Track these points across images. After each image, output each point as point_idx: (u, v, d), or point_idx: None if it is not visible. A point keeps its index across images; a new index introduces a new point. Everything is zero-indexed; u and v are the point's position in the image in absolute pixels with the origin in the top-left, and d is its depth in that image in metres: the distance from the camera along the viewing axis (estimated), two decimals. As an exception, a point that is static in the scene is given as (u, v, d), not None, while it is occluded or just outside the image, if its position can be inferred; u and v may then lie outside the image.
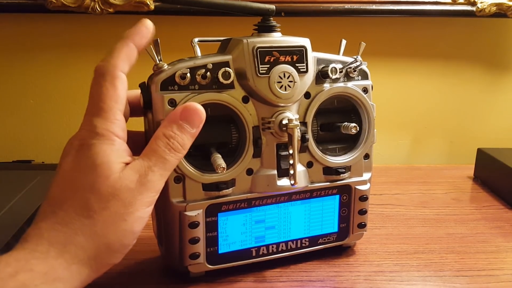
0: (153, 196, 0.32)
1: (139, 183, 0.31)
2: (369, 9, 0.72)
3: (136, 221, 0.30)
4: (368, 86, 0.42)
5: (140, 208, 0.30)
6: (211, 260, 0.39)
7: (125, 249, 0.31)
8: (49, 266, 0.27)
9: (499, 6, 0.72)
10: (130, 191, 0.30)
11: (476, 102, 0.83)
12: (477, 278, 0.41)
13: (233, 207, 0.39)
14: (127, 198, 0.30)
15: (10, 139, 0.76)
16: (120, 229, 0.30)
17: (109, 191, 0.29)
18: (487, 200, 0.60)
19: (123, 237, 0.30)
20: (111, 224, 0.29)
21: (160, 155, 0.32)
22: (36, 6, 0.67)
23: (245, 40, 0.36)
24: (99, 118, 0.31)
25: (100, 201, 0.29)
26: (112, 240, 0.29)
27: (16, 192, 0.51)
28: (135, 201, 0.30)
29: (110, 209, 0.29)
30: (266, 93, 0.37)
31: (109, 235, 0.29)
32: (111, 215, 0.29)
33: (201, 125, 0.34)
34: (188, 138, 0.33)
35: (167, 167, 0.32)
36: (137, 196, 0.30)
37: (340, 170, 0.41)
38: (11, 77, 0.74)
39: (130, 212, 0.30)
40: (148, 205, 0.31)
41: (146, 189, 0.31)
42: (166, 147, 0.32)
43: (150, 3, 0.67)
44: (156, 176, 0.31)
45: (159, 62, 0.35)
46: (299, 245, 0.42)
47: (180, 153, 0.33)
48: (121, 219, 0.30)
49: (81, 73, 0.73)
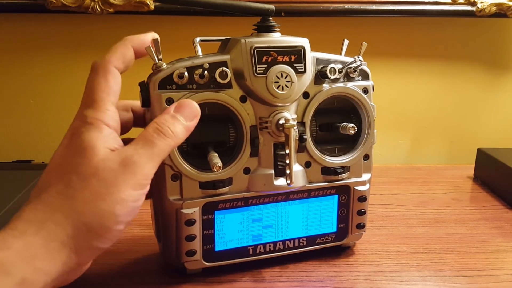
0: (140, 180, 0.31)
1: (122, 164, 0.30)
2: (369, 9, 0.72)
3: (118, 202, 0.30)
4: (369, 86, 0.42)
5: (123, 190, 0.30)
6: (207, 257, 0.39)
7: (107, 232, 0.30)
8: (26, 243, 0.27)
9: (499, 6, 0.72)
10: (112, 171, 0.30)
11: (476, 102, 0.83)
12: (477, 278, 0.41)
13: (230, 205, 0.39)
14: (108, 178, 0.30)
15: (10, 139, 0.76)
16: (99, 209, 0.29)
17: (91, 171, 0.30)
18: (487, 200, 0.60)
19: (103, 218, 0.29)
20: (90, 202, 0.29)
21: (147, 138, 0.32)
22: (36, 6, 0.67)
23: (243, 40, 0.37)
24: (90, 109, 0.32)
25: (81, 181, 0.29)
26: (90, 219, 0.29)
27: (16, 192, 0.51)
28: (117, 182, 0.30)
29: (90, 188, 0.29)
30: (263, 93, 0.37)
31: (87, 213, 0.29)
32: (91, 194, 0.29)
33: (195, 119, 0.34)
34: (180, 127, 0.33)
35: (154, 151, 0.31)
36: (119, 176, 0.30)
37: (339, 171, 0.41)
38: (11, 77, 0.74)
39: (111, 192, 0.29)
40: (134, 188, 0.30)
41: (130, 171, 0.30)
42: (155, 131, 0.32)
43: (150, 3, 0.67)
44: (142, 159, 0.31)
45: (158, 62, 0.36)
46: (297, 245, 0.42)
47: (170, 138, 0.32)
48: (101, 198, 0.29)
49: (81, 73, 0.73)
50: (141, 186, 0.31)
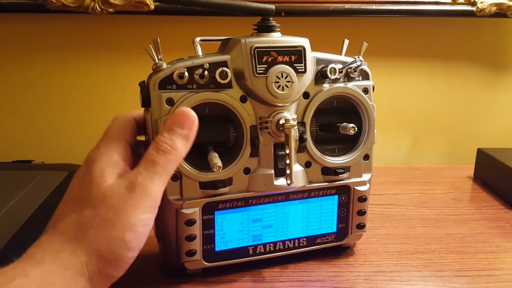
0: (148, 202, 0.31)
1: (128, 188, 0.31)
2: (369, 9, 0.71)
3: (127, 228, 0.30)
4: (369, 86, 0.42)
5: (131, 215, 0.30)
6: (207, 257, 0.39)
7: (118, 259, 0.30)
8: (43, 271, 0.27)
9: (499, 6, 0.72)
10: (119, 197, 0.30)
11: (476, 102, 0.83)
12: (477, 278, 0.41)
13: (230, 205, 0.39)
14: (116, 204, 0.30)
15: (10, 139, 0.76)
16: (109, 236, 0.29)
17: (100, 198, 0.30)
18: (487, 200, 0.60)
19: (113, 245, 0.29)
20: (100, 230, 0.29)
21: (149, 159, 0.32)
22: (36, 6, 0.67)
23: (243, 40, 0.37)
24: (103, 141, 0.34)
25: (92, 208, 0.30)
26: (102, 247, 0.29)
27: (16, 192, 0.51)
28: (126, 207, 0.30)
29: (100, 216, 0.30)
30: (264, 93, 0.37)
31: (99, 242, 0.29)
32: (101, 221, 0.30)
33: (193, 126, 0.34)
34: (179, 139, 0.33)
35: (157, 170, 0.32)
36: (127, 201, 0.30)
37: (339, 171, 0.41)
38: (11, 77, 0.74)
39: (120, 218, 0.30)
40: (143, 211, 0.30)
41: (136, 194, 0.30)
42: (155, 150, 0.32)
43: (150, 3, 0.67)
44: (147, 180, 0.31)
45: (158, 61, 0.36)
46: (297, 245, 0.42)
47: (171, 154, 0.32)
48: (111, 225, 0.30)
49: (81, 73, 0.73)
50: (150, 209, 0.31)
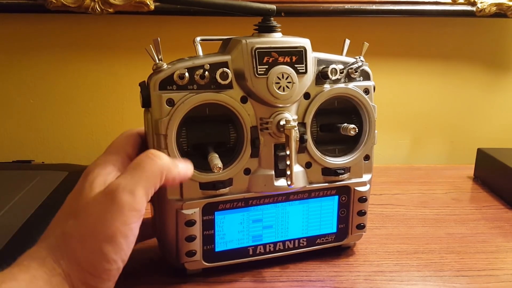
0: (128, 212, 0.29)
1: (108, 197, 0.29)
2: (369, 9, 0.71)
3: (105, 240, 0.28)
4: (370, 87, 0.42)
5: (110, 226, 0.28)
6: (207, 257, 0.39)
7: (99, 272, 0.29)
8: (31, 276, 0.27)
9: (499, 6, 0.72)
10: (99, 206, 0.29)
11: (476, 102, 0.83)
12: (477, 278, 0.41)
13: (230, 206, 0.39)
14: (95, 214, 0.29)
15: (10, 139, 0.76)
16: (88, 247, 0.28)
17: (82, 208, 0.30)
18: (487, 200, 0.60)
19: (92, 257, 0.28)
20: (81, 241, 0.29)
21: (134, 162, 0.31)
22: (36, 6, 0.67)
23: (244, 40, 0.36)
24: (103, 153, 0.35)
25: (75, 218, 0.30)
26: (82, 257, 0.28)
27: (16, 192, 0.51)
28: (104, 218, 0.29)
29: (82, 226, 0.29)
30: (264, 94, 0.37)
31: (78, 251, 0.29)
32: (82, 232, 0.29)
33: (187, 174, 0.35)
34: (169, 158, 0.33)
35: (142, 176, 0.30)
36: (106, 211, 0.29)
37: (339, 171, 0.41)
38: (11, 77, 0.74)
39: (98, 229, 0.28)
40: (123, 222, 0.29)
41: (116, 203, 0.29)
42: (143, 156, 0.32)
43: (150, 3, 0.67)
44: (129, 186, 0.29)
45: (158, 62, 0.36)
46: (297, 245, 0.42)
47: (160, 159, 0.31)
48: (89, 237, 0.29)
49: (81, 73, 0.73)
50: (132, 219, 0.29)
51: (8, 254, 0.38)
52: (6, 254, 0.38)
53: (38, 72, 0.74)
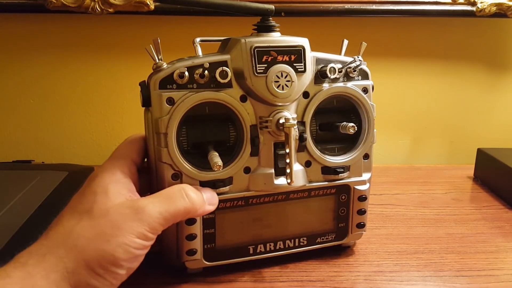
0: (146, 229, 0.31)
1: (134, 210, 0.31)
2: (369, 9, 0.72)
3: (119, 246, 0.30)
4: (368, 86, 0.42)
5: (127, 234, 0.30)
6: (208, 256, 0.39)
7: (105, 273, 0.30)
8: (26, 273, 0.28)
9: (499, 6, 0.72)
10: (122, 216, 0.31)
11: (476, 102, 0.83)
12: (477, 278, 0.41)
13: (230, 204, 0.39)
14: (116, 221, 0.31)
15: (10, 139, 0.76)
16: (100, 249, 0.30)
17: (102, 213, 0.31)
18: (487, 200, 0.60)
19: (102, 258, 0.30)
20: (93, 241, 0.30)
21: (168, 194, 0.33)
22: (36, 6, 0.67)
23: (243, 39, 0.37)
24: (109, 159, 0.36)
25: (91, 220, 0.31)
26: (91, 257, 0.29)
27: (16, 192, 0.51)
28: (124, 226, 0.31)
29: (97, 228, 0.30)
30: (264, 93, 0.37)
31: (88, 251, 0.29)
32: (97, 233, 0.30)
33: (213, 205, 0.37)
34: (200, 197, 0.35)
35: (170, 208, 0.33)
36: (127, 221, 0.31)
37: (339, 170, 0.41)
38: (11, 77, 0.74)
39: (115, 234, 0.30)
40: (137, 235, 0.31)
41: (139, 217, 0.31)
42: (179, 191, 0.34)
43: (150, 3, 0.67)
44: (155, 210, 0.32)
45: (158, 61, 0.36)
46: (297, 244, 0.42)
47: (190, 200, 0.34)
48: (104, 239, 0.30)
49: (81, 73, 0.73)
50: (145, 237, 0.32)
51: (8, 254, 0.37)
52: (6, 254, 0.37)
53: (38, 72, 0.74)
